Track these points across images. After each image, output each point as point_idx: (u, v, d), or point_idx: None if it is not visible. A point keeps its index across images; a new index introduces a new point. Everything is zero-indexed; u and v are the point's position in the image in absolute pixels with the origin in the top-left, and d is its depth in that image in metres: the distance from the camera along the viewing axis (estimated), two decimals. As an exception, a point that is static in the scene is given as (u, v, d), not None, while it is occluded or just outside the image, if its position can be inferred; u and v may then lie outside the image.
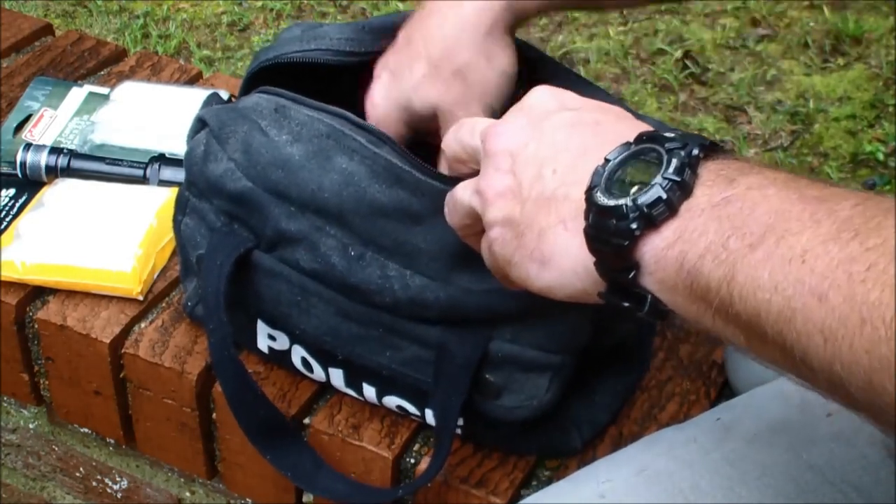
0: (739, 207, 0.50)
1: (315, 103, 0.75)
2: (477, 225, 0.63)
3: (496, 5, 0.75)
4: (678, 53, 2.23)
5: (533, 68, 0.81)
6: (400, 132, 0.79)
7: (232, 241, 0.76)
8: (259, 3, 2.42)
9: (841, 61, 2.22)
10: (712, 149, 0.55)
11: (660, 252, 0.53)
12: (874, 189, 1.95)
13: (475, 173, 0.63)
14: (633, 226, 0.53)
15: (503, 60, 0.77)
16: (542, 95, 0.62)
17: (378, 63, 0.79)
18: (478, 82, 0.76)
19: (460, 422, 0.78)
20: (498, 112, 0.76)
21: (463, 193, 0.63)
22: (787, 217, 0.48)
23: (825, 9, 2.33)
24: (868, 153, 2.01)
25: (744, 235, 0.49)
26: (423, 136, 0.79)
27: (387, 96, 0.78)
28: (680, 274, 0.52)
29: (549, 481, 0.79)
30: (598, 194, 0.55)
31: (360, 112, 0.78)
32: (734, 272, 0.49)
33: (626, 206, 0.53)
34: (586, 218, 0.55)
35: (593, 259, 0.56)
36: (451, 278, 0.72)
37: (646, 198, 0.53)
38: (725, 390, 0.86)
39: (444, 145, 0.67)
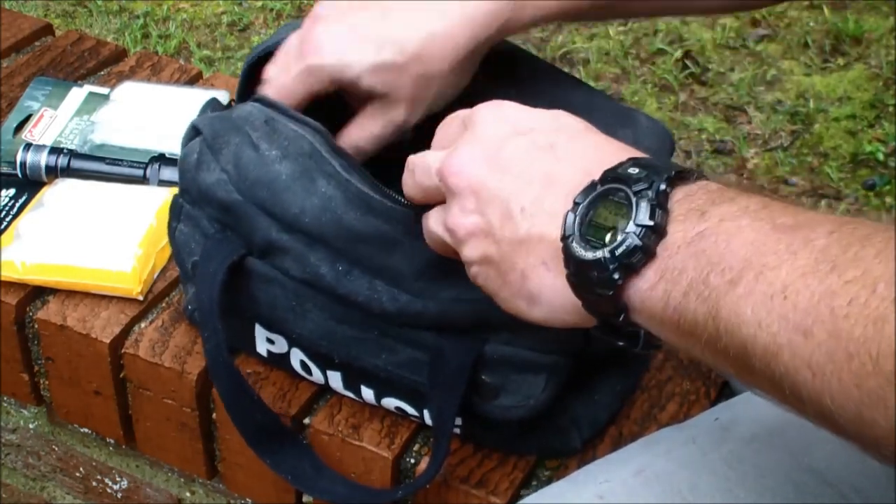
0: (714, 241, 0.51)
1: (299, 116, 0.74)
2: (452, 249, 0.63)
3: (493, 22, 0.72)
4: (678, 53, 2.23)
5: (513, 66, 0.81)
6: (307, 90, 0.74)
7: (225, 247, 0.76)
8: (259, 3, 2.42)
9: (841, 61, 2.22)
10: (679, 177, 0.55)
11: (644, 293, 0.53)
12: (874, 189, 1.95)
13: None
14: (616, 276, 0.53)
15: (467, 80, 0.75)
16: (489, 118, 0.61)
17: (326, 2, 0.74)
18: (438, 93, 0.74)
19: (459, 422, 0.78)
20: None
21: (435, 227, 0.63)
22: (764, 250, 0.49)
23: (825, 9, 2.33)
24: (868, 153, 2.01)
25: (723, 271, 0.50)
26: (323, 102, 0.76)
27: (331, 50, 0.72)
28: (666, 311, 0.52)
29: (549, 481, 0.79)
30: (575, 245, 0.55)
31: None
32: (718, 308, 0.49)
33: (605, 258, 0.53)
34: (567, 267, 0.56)
35: (581, 302, 0.56)
36: (439, 294, 0.72)
37: (622, 249, 0.53)
38: (725, 390, 0.86)
39: (406, 193, 0.66)
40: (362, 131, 0.75)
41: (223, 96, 1.06)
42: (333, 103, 0.77)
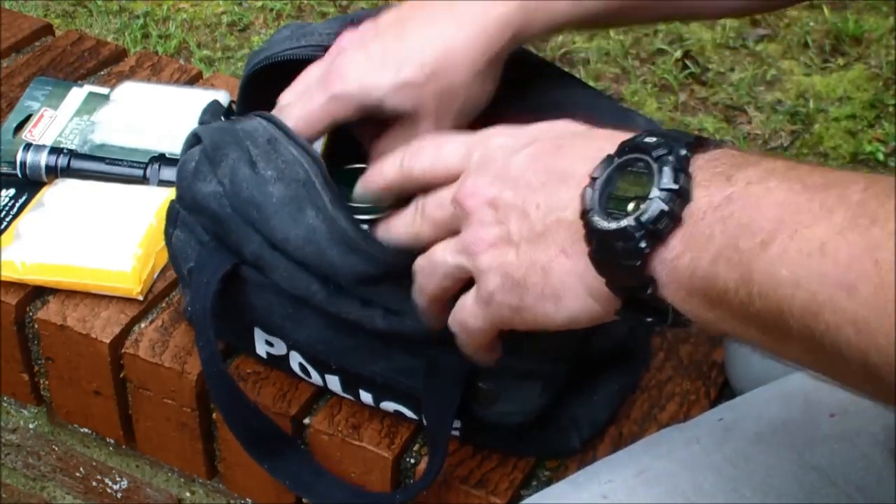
0: (742, 205, 0.49)
1: (301, 141, 0.73)
2: (456, 286, 0.62)
3: (506, 30, 0.72)
4: (678, 53, 2.23)
5: (515, 66, 0.81)
6: (331, 118, 0.74)
7: (218, 257, 0.76)
8: (259, 3, 2.42)
9: (841, 61, 2.22)
10: (698, 144, 0.54)
11: (669, 264, 0.52)
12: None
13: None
14: (643, 244, 0.52)
15: (494, 85, 0.75)
16: (493, 143, 0.61)
17: (350, 35, 0.75)
18: (465, 105, 0.74)
19: (458, 424, 0.78)
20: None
21: (443, 255, 0.62)
22: (797, 209, 0.47)
23: (825, 9, 2.33)
24: (868, 153, 2.01)
25: (753, 234, 0.48)
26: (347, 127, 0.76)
27: (354, 77, 0.73)
28: (693, 282, 0.51)
29: (549, 481, 0.79)
30: (597, 219, 0.54)
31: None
32: (750, 272, 0.48)
33: (630, 226, 0.52)
34: (588, 243, 0.54)
35: (605, 280, 0.55)
36: None
37: (649, 214, 0.51)
38: (725, 390, 0.86)
39: (408, 233, 0.65)
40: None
41: (223, 96, 1.06)
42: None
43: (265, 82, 0.79)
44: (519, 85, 0.79)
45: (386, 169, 0.67)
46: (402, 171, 0.66)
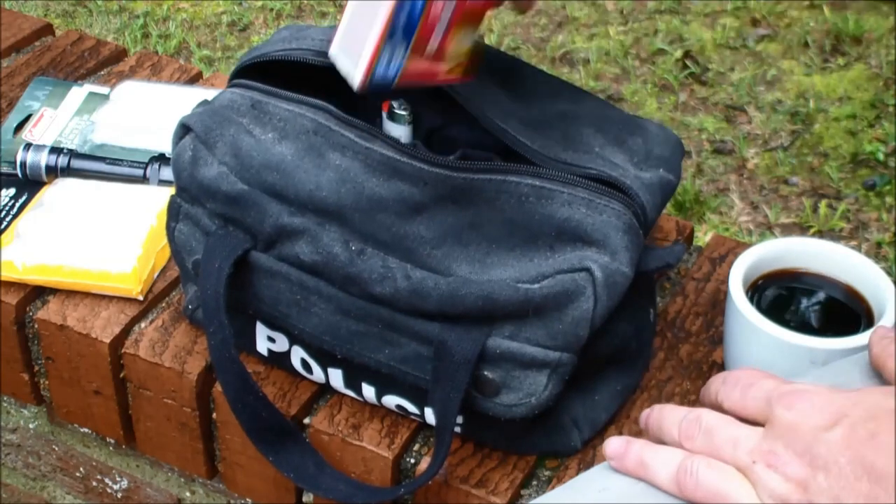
0: None
1: (293, 96, 0.74)
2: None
3: None
4: (678, 53, 2.23)
5: (525, 82, 0.81)
6: None
7: (229, 242, 0.76)
8: (259, 3, 2.42)
9: (841, 61, 2.22)
10: None
11: None
12: (874, 189, 1.95)
13: None
14: None
15: None
16: (799, 407, 0.58)
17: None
18: None
19: (460, 419, 0.78)
20: None
21: (737, 432, 0.59)
22: None
23: (825, 9, 2.33)
24: (868, 153, 2.01)
25: None
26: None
27: None
28: None
29: (548, 481, 0.79)
30: None
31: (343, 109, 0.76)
32: None
33: None
34: None
35: None
36: (452, 268, 0.72)
37: None
38: (725, 390, 0.86)
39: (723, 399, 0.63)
40: None
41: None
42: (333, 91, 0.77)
43: (256, 80, 0.79)
44: (523, 97, 0.79)
45: (711, 388, 0.64)
46: (718, 398, 0.63)
